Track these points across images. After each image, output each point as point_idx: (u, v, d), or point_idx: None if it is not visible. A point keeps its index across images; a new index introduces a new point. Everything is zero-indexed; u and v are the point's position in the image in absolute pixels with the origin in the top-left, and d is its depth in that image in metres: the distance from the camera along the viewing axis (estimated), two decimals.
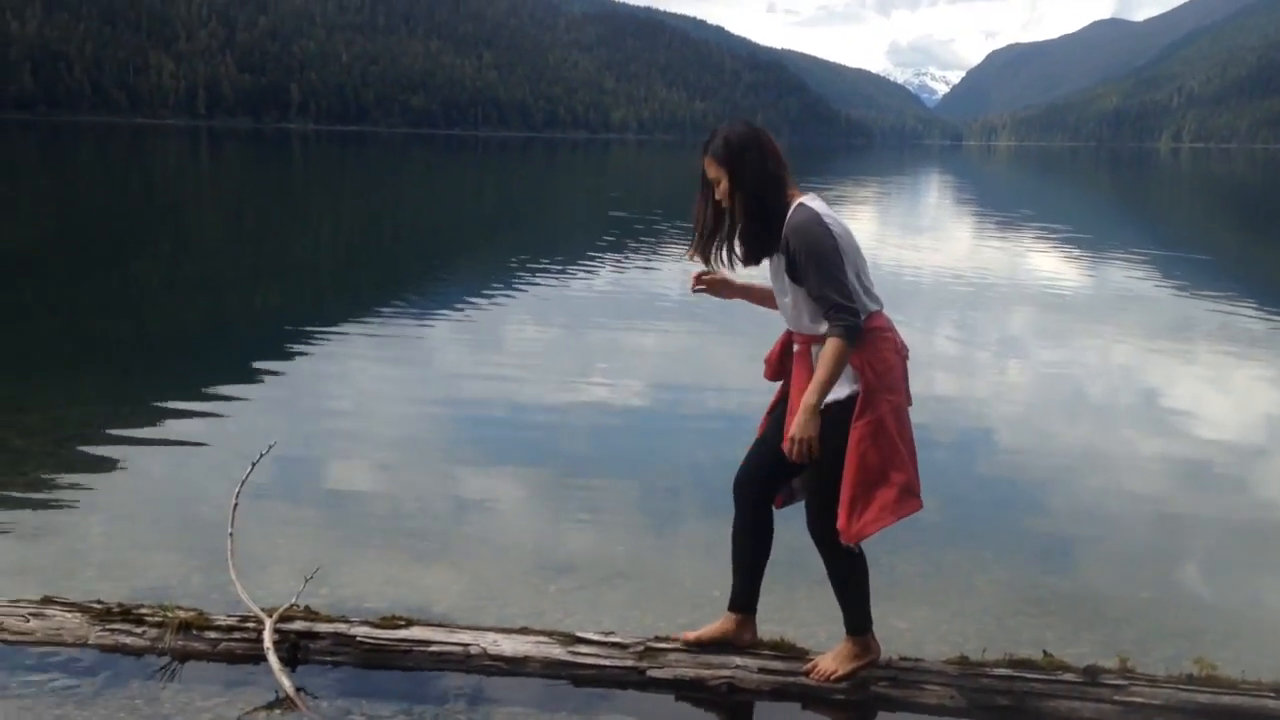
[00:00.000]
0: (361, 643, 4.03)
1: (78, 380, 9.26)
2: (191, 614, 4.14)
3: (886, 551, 5.56)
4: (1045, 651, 4.06)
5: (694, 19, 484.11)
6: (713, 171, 3.67)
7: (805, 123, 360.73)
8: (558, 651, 3.98)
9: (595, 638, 4.04)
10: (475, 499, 6.39)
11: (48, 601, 4.23)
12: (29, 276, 15.45)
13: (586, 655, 3.97)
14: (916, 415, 3.83)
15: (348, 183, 45.43)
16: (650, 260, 18.85)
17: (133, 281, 15.56)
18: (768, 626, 4.18)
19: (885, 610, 4.79)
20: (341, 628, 4.08)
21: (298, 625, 4.08)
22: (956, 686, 3.82)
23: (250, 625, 4.07)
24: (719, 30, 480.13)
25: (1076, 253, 22.60)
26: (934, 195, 50.03)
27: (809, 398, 3.60)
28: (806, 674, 3.87)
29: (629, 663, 3.94)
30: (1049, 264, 20.37)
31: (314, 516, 5.90)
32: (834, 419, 3.63)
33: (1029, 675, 3.85)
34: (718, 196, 3.69)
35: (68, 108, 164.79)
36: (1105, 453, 7.73)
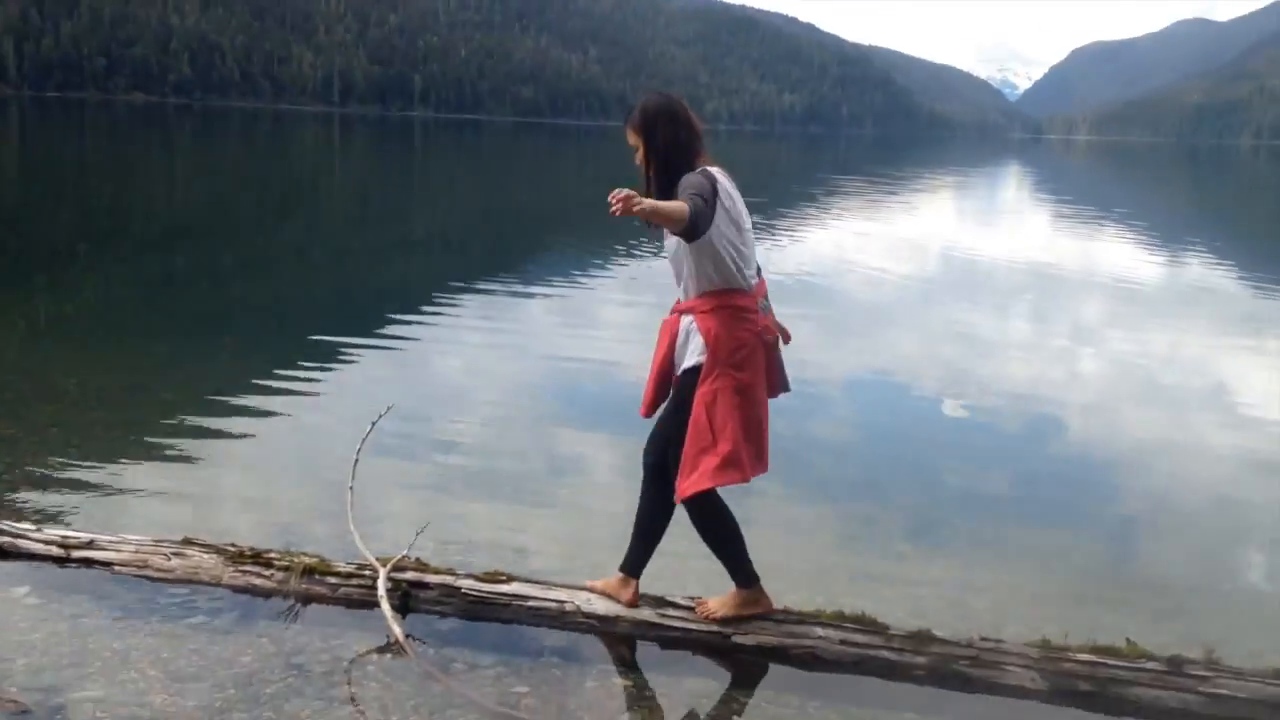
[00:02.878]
0: (466, 594, 4.01)
1: (219, 341, 9.46)
2: (314, 560, 4.17)
3: (962, 533, 5.41)
4: (1128, 639, 3.80)
5: (786, 16, 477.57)
6: (631, 139, 3.71)
7: (889, 115, 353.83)
8: (647, 613, 3.91)
9: (683, 602, 3.96)
10: (573, 463, 6.36)
11: (187, 543, 4.30)
12: (180, 247, 15.88)
13: (674, 618, 3.90)
14: (994, 399, 3.67)
15: (463, 166, 45.84)
16: None
17: (268, 252, 15.90)
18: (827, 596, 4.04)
19: (963, 591, 4.65)
20: (448, 579, 4.07)
21: (409, 575, 4.08)
22: (1038, 669, 3.61)
23: (366, 573, 4.08)
24: (810, 27, 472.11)
25: (1151, 245, 21.75)
26: (1011, 187, 48.61)
27: (643, 207, 3.26)
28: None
29: (714, 628, 3.86)
30: (1123, 256, 19.62)
31: (425, 473, 5.92)
32: (683, 385, 3.69)
33: (1112, 662, 3.62)
34: (637, 161, 3.72)
35: (219, 94, 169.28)
36: (1183, 443, 7.37)
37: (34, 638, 3.73)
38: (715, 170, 3.67)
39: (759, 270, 3.81)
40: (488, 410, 7.36)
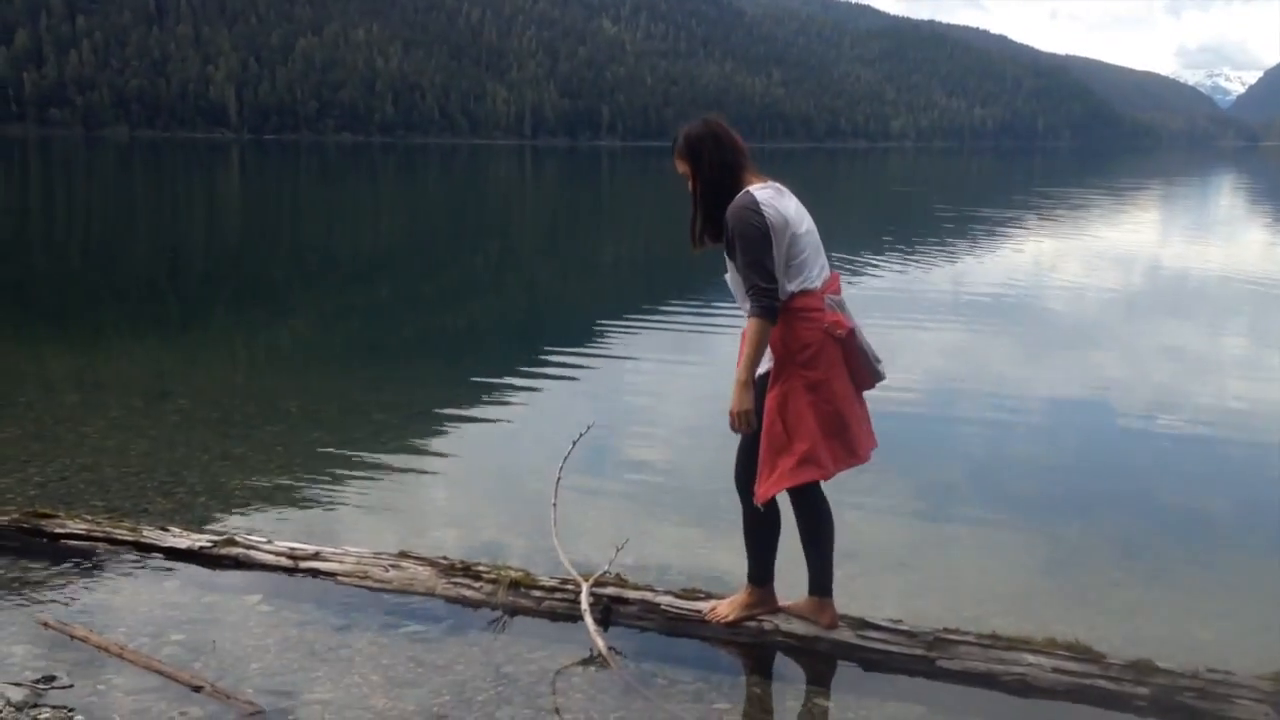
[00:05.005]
0: (665, 610, 4.06)
1: (424, 364, 9.95)
2: (520, 574, 4.31)
3: (1180, 561, 5.09)
4: None
5: (977, 29, 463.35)
6: (680, 168, 3.82)
7: (1089, 126, 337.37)
8: (848, 635, 3.86)
9: (884, 624, 3.88)
10: None
11: (403, 555, 4.53)
12: (384, 278, 16.77)
13: (876, 640, 3.82)
14: (1211, 420, 3.44)
15: (649, 192, 46.53)
16: (938, 259, 18.15)
17: (466, 280, 16.58)
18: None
19: (1184, 621, 4.38)
20: (648, 595, 4.13)
21: (610, 590, 4.16)
22: (1273, 703, 3.37)
23: (569, 588, 4.19)
24: (1001, 39, 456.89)
25: None
26: (1224, 197, 45.47)
27: (738, 374, 3.66)
28: (704, 616, 3.98)
29: (919, 651, 3.76)
30: None
31: (623, 491, 6.03)
32: (757, 393, 3.69)
33: None
34: (690, 189, 3.82)
35: (421, 131, 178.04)
36: None
37: (266, 643, 3.99)
38: (757, 190, 3.69)
39: (826, 267, 3.81)
40: (682, 430, 7.44)
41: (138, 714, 3.47)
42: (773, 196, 3.70)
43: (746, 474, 3.82)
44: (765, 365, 3.71)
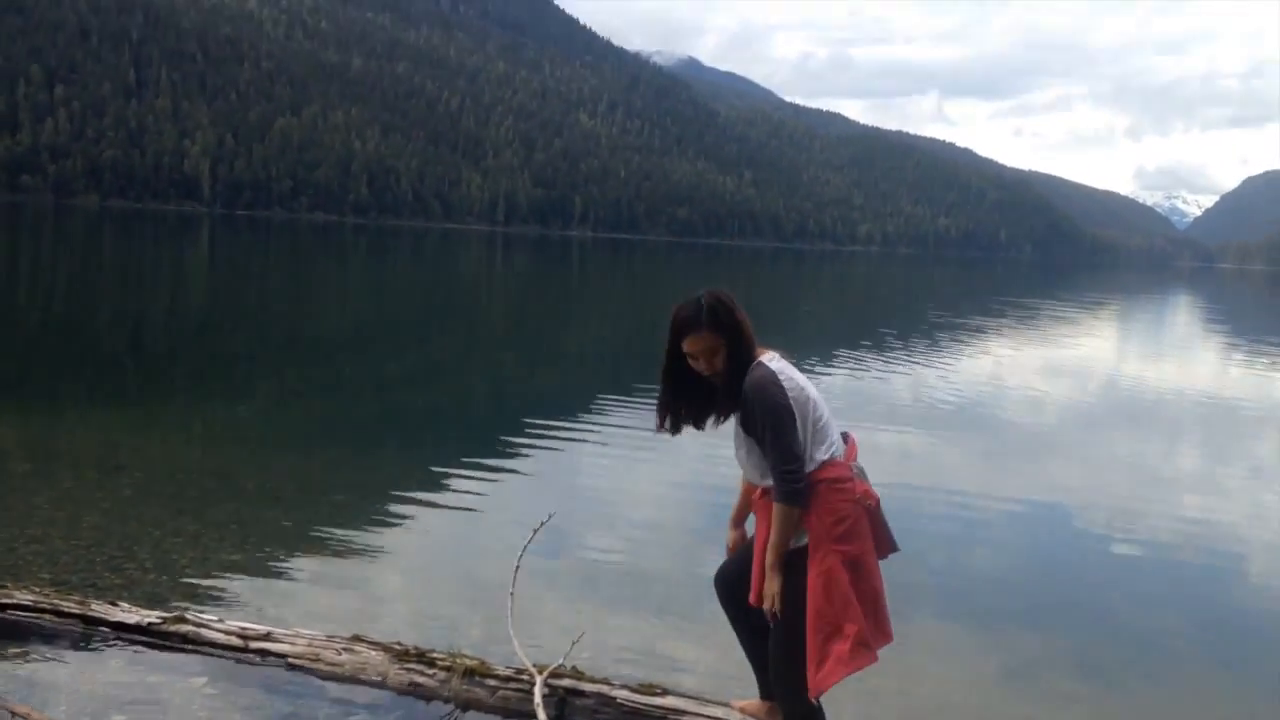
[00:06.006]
0: (622, 704, 4.03)
1: (385, 446, 9.90)
2: (475, 662, 4.27)
3: (1136, 676, 5.13)
4: None
5: (943, 142, 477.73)
6: (707, 342, 3.47)
7: (1049, 241, 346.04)
8: None
9: None
10: None
11: (356, 639, 4.47)
12: (349, 355, 16.76)
13: None
14: (1168, 535, 3.53)
15: (618, 283, 46.99)
16: (900, 362, 18.42)
17: (431, 363, 16.61)
18: None
19: None
20: (605, 689, 4.10)
21: (565, 682, 4.13)
22: None
23: (524, 678, 4.15)
24: (967, 152, 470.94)
25: None
26: (1180, 316, 46.65)
27: (767, 558, 3.48)
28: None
29: None
30: None
31: (581, 581, 6.02)
32: (787, 567, 3.47)
33: None
34: (707, 367, 3.51)
35: (394, 214, 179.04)
36: None
37: None
38: (770, 361, 3.50)
39: (843, 436, 3.63)
40: (642, 521, 7.44)
41: None
42: (785, 366, 3.52)
43: (789, 668, 3.52)
44: (797, 541, 3.47)
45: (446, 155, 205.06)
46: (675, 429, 3.72)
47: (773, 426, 3.43)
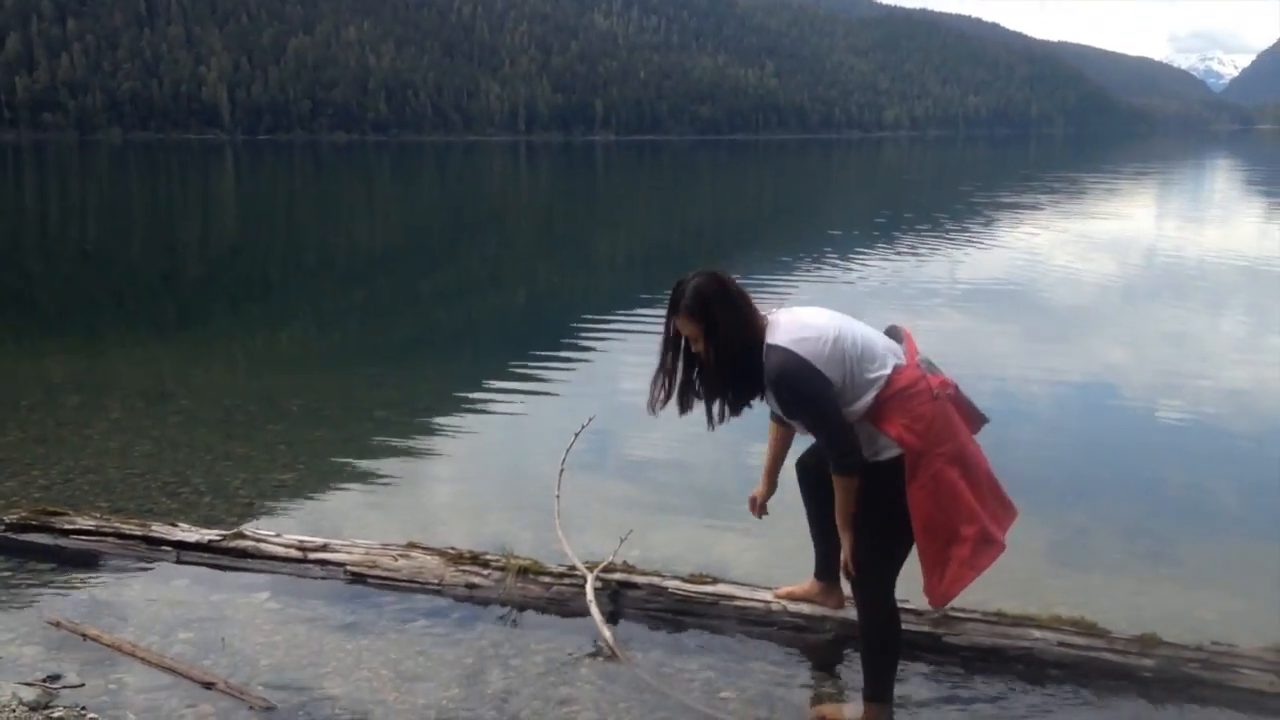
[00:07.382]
0: (673, 594, 4.10)
1: (424, 361, 9.96)
2: (528, 561, 4.35)
3: (1183, 543, 5.12)
4: None
5: (970, 17, 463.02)
6: (686, 328, 3.35)
7: (1083, 113, 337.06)
8: (854, 615, 3.87)
9: None
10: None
11: (412, 546, 4.56)
12: (381, 276, 16.77)
13: None
14: (1212, 403, 3.47)
15: (644, 187, 46.51)
16: (937, 246, 18.15)
17: (464, 276, 16.60)
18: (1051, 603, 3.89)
19: (1188, 602, 4.40)
20: (656, 580, 4.17)
21: (617, 576, 4.20)
22: (1276, 671, 3.40)
23: (577, 574, 4.22)
24: (994, 26, 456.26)
25: None
26: (1220, 180, 45.49)
27: (841, 527, 3.36)
28: None
29: (925, 628, 3.80)
30: None
31: (624, 483, 6.06)
32: (877, 481, 3.28)
33: None
34: (696, 350, 3.39)
35: (414, 129, 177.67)
36: None
37: (275, 640, 4.02)
38: (780, 338, 3.27)
39: (894, 332, 3.50)
40: (681, 422, 7.42)
41: (150, 711, 3.50)
42: (796, 327, 3.29)
43: (871, 573, 3.40)
44: (886, 454, 3.29)
45: (463, 66, 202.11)
46: (685, 406, 3.63)
47: (808, 411, 3.30)
